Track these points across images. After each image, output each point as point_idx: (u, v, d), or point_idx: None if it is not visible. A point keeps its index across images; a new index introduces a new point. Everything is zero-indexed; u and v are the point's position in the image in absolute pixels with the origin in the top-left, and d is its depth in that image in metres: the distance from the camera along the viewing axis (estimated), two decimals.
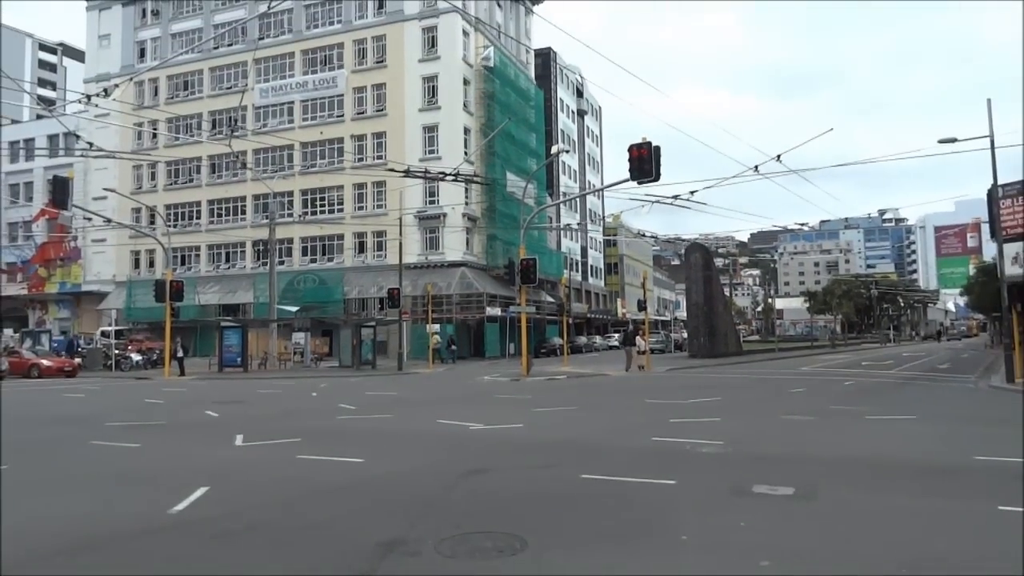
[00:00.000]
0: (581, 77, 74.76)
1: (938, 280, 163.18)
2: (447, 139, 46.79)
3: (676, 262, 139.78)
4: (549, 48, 67.34)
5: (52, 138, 56.99)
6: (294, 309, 42.10)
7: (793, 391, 18.96)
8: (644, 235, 68.34)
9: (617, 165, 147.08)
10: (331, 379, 27.11)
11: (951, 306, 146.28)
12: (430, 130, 47.52)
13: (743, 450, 9.20)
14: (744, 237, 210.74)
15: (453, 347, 40.55)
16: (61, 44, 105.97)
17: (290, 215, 48.37)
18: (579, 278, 71.58)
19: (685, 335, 50.45)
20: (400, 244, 35.55)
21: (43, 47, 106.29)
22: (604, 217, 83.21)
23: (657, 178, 19.57)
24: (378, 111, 48.87)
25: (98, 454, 9.86)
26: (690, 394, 17.70)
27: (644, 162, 19.35)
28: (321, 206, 49.65)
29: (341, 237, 48.62)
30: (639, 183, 20.07)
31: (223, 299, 49.69)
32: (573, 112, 74.39)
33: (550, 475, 7.81)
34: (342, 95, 49.78)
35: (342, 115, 49.68)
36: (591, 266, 77.46)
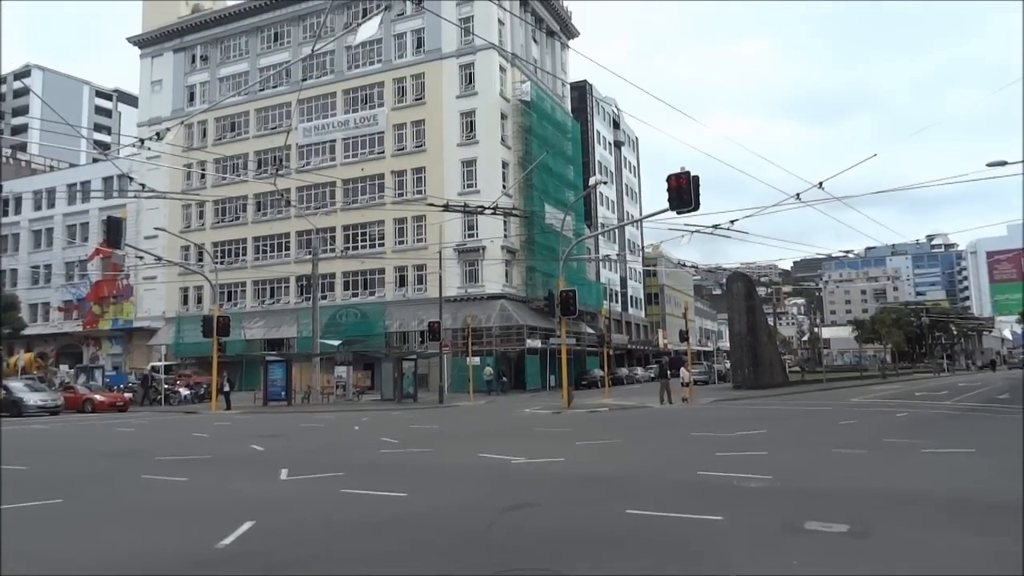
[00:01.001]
0: (617, 108, 75.18)
1: (992, 307, 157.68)
2: (485, 173, 47.34)
3: (717, 291, 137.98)
4: (585, 81, 67.98)
5: (107, 180, 59.27)
6: (336, 343, 42.61)
7: (843, 423, 18.42)
8: (684, 265, 67.57)
9: (655, 194, 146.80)
10: (373, 412, 27.27)
11: (1007, 333, 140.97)
12: (468, 164, 48.16)
13: (793, 485, 8.95)
14: (787, 265, 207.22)
15: (504, 378, 41.84)
16: (116, 90, 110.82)
17: (332, 250, 49.30)
18: (619, 309, 71.13)
19: (728, 366, 49.55)
20: (440, 277, 35.88)
21: (99, 94, 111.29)
22: (643, 247, 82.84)
23: (696, 208, 19.42)
24: (417, 147, 49.77)
25: (148, 488, 10.05)
26: (736, 426, 17.32)
27: (683, 192, 19.24)
28: (362, 241, 50.48)
29: (382, 271, 49.28)
30: (678, 213, 19.95)
31: (268, 334, 50.60)
32: (610, 143, 74.69)
33: (594, 510, 7.70)
34: (382, 132, 50.87)
35: (382, 152, 50.70)
36: (631, 297, 76.95)
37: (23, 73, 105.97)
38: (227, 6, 59.52)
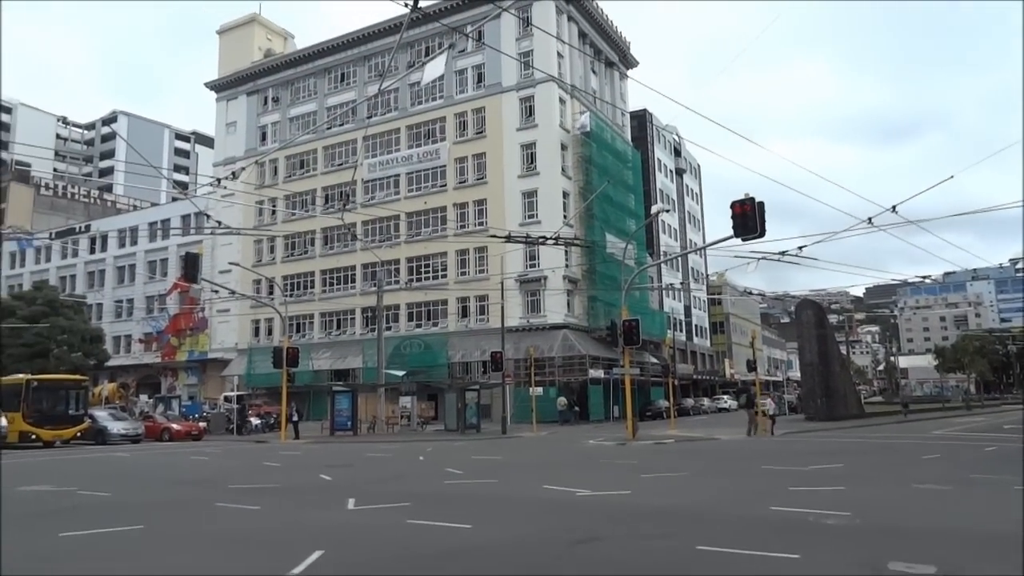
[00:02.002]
0: (678, 136, 74.74)
1: None
2: (546, 203, 47.61)
3: (785, 320, 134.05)
4: (644, 110, 67.96)
5: (185, 218, 62.19)
6: (401, 373, 43.16)
7: (926, 457, 17.51)
8: (750, 293, 66.08)
9: (718, 222, 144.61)
10: (437, 443, 27.40)
11: None
12: (529, 195, 48.54)
13: (873, 522, 8.54)
14: (859, 292, 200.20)
15: (576, 408, 42.19)
16: (194, 132, 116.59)
17: (396, 282, 50.23)
18: (683, 338, 69.88)
19: (799, 396, 47.91)
20: (502, 308, 36.06)
21: (179, 136, 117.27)
22: (707, 275, 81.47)
23: (762, 234, 19.04)
24: (479, 179, 50.51)
25: (222, 515, 10.33)
26: (809, 460, 16.68)
27: (748, 218, 18.91)
28: (426, 273, 51.28)
29: (445, 302, 49.86)
30: (743, 240, 19.60)
31: (334, 364, 51.67)
32: (671, 171, 74.17)
33: (663, 546, 7.52)
34: (444, 166, 51.87)
35: (444, 185, 51.64)
36: (695, 326, 75.55)
37: (110, 119, 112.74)
38: (297, 50, 62.19)
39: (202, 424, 35.53)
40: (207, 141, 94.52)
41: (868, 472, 14.56)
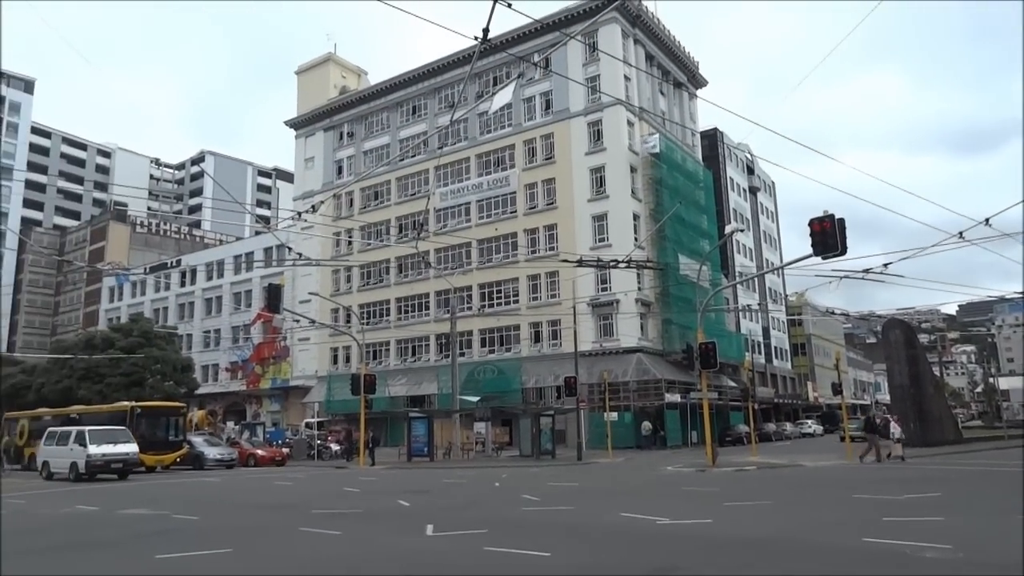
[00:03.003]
0: (750, 154, 73.26)
1: None
2: (617, 226, 47.36)
3: (872, 340, 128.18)
4: (715, 129, 66.99)
5: (267, 250, 64.83)
6: (475, 399, 43.43)
7: None
8: (832, 312, 63.62)
9: (795, 240, 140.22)
10: (512, 469, 27.37)
11: None
12: (599, 219, 48.41)
13: (977, 556, 8.03)
14: (951, 309, 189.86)
15: (661, 432, 42.06)
16: (275, 168, 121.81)
17: (469, 308, 50.78)
18: (763, 361, 67.79)
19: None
20: (575, 332, 35.89)
21: (261, 172, 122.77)
22: (786, 295, 79.00)
23: (843, 252, 18.44)
24: (548, 205, 50.75)
25: (306, 540, 10.59)
26: (902, 488, 15.83)
27: (827, 236, 18.34)
28: (498, 299, 51.66)
29: (517, 328, 50.04)
30: (823, 258, 18.99)
31: (410, 391, 52.46)
32: (744, 190, 72.66)
33: None
34: (514, 192, 52.38)
35: (515, 211, 52.11)
36: (775, 347, 73.21)
37: (198, 159, 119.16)
38: (370, 86, 64.37)
39: (285, 450, 36.59)
40: (287, 176, 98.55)
41: (968, 502, 13.71)
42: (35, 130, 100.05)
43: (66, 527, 12.86)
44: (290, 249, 27.04)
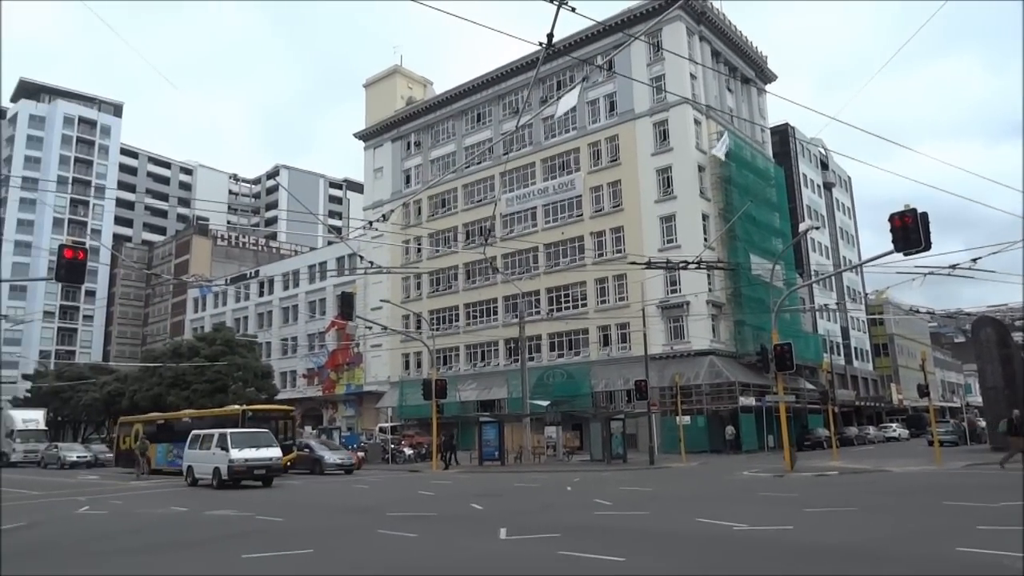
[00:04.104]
0: (824, 149, 70.85)
1: None
2: (685, 227, 46.60)
3: (960, 339, 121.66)
4: (786, 124, 65.14)
5: (340, 259, 66.59)
6: (545, 403, 43.40)
7: None
8: (917, 311, 60.72)
9: (873, 237, 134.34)
10: (583, 473, 27.24)
11: None
12: (667, 220, 47.73)
13: None
14: None
15: (736, 436, 41.39)
16: (345, 180, 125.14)
17: (537, 313, 50.86)
18: (842, 362, 65.35)
19: (983, 424, 43.18)
20: (644, 335, 35.46)
21: (332, 184, 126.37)
22: (865, 294, 75.95)
23: (927, 248, 17.63)
24: (615, 207, 50.37)
25: (383, 542, 10.84)
26: (1000, 495, 14.96)
27: (909, 231, 17.58)
28: (566, 303, 51.55)
29: (586, 331, 49.81)
30: (905, 254, 18.21)
31: (480, 395, 52.89)
32: (818, 186, 70.34)
33: None
34: (580, 196, 52.22)
35: (581, 214, 51.93)
36: (855, 348, 70.47)
37: (273, 173, 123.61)
38: (435, 95, 65.41)
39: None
40: (357, 187, 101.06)
41: None
42: (124, 151, 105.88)
43: (159, 528, 13.53)
44: (361, 258, 27.66)
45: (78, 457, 40.70)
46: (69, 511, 16.66)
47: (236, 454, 22.68)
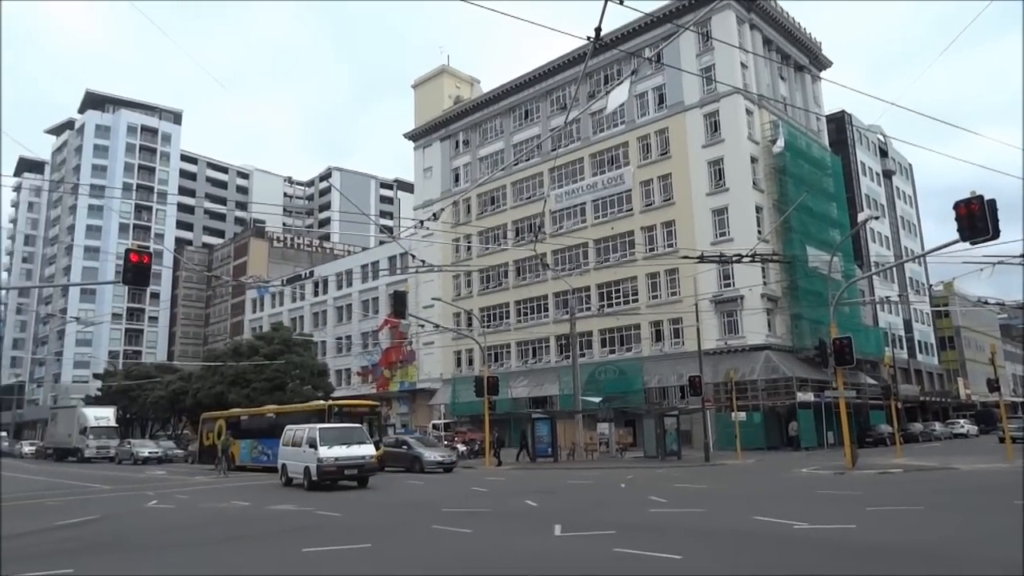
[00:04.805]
0: (883, 136, 68.52)
1: None
2: (738, 220, 45.71)
3: None
4: (842, 111, 63.25)
5: (392, 259, 67.51)
6: (597, 400, 43.20)
7: None
8: (985, 302, 58.29)
9: (936, 226, 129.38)
10: (637, 470, 27.04)
11: None
12: (719, 213, 46.89)
13: None
14: None
15: (796, 433, 40.56)
16: (396, 180, 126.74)
17: (588, 309, 50.61)
18: (905, 356, 63.21)
19: None
20: (697, 330, 34.96)
21: (383, 185, 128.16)
22: (929, 285, 73.28)
23: (995, 236, 16.89)
24: (665, 201, 49.74)
25: (439, 538, 10.98)
26: None
27: (976, 219, 16.86)
28: (616, 298, 51.17)
29: (638, 327, 49.36)
30: (972, 243, 17.49)
31: (532, 392, 52.97)
32: (877, 174, 68.07)
33: None
34: (629, 190, 51.72)
35: (631, 209, 51.44)
36: (919, 342, 68.05)
37: (326, 175, 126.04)
38: (482, 94, 65.66)
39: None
40: (408, 187, 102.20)
41: None
42: (184, 157, 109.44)
43: (223, 522, 13.99)
44: (413, 256, 27.92)
45: (150, 453, 42.45)
46: (139, 505, 17.36)
47: (325, 452, 20.79)
